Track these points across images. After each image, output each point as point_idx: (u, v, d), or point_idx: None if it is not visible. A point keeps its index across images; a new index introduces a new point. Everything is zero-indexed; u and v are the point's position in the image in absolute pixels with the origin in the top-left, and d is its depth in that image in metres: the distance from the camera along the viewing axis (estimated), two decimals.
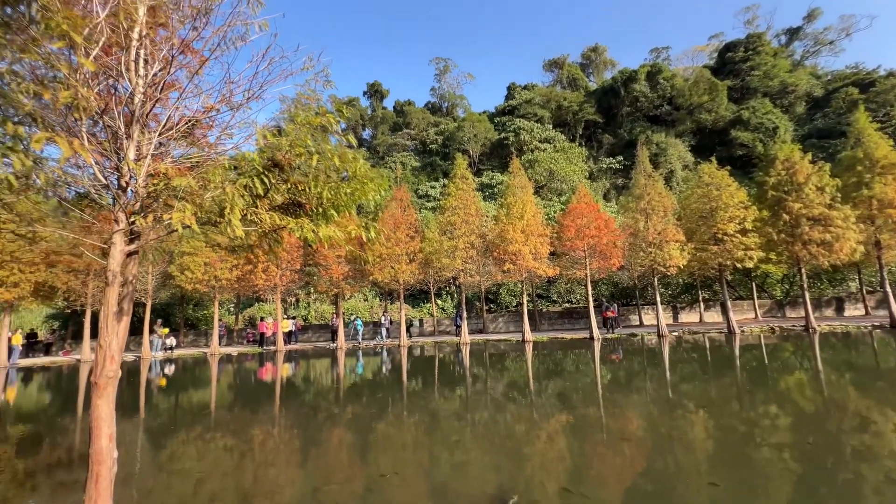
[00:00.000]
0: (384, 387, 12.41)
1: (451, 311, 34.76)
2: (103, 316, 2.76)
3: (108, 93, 2.93)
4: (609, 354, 16.57)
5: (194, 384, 15.36)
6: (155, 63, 3.00)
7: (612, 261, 20.89)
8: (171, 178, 2.74)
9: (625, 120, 56.72)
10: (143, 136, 2.96)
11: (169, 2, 2.97)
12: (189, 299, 31.38)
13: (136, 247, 2.94)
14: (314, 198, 3.09)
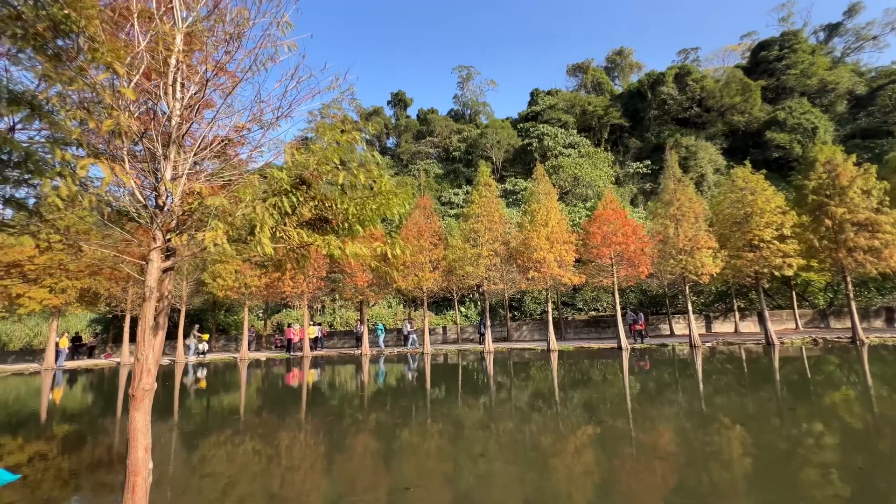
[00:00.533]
0: (408, 394, 12.42)
1: (474, 318, 34.59)
2: (140, 330, 2.89)
3: (148, 115, 3.10)
4: (638, 365, 16.05)
5: (225, 388, 15.81)
6: (191, 86, 3.14)
7: (640, 268, 20.31)
8: (205, 196, 2.85)
9: (652, 123, 55.43)
10: (179, 156, 3.10)
11: (204, 28, 3.11)
12: (220, 305, 32.46)
13: (172, 263, 3.07)
14: (340, 213, 3.14)
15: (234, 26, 3.16)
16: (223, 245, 2.50)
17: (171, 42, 2.86)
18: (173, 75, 3.08)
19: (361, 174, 2.97)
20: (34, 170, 2.25)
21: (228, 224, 2.70)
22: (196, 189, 2.91)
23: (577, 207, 44.32)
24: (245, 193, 2.81)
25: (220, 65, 3.27)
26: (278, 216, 2.80)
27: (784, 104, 49.22)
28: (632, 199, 49.28)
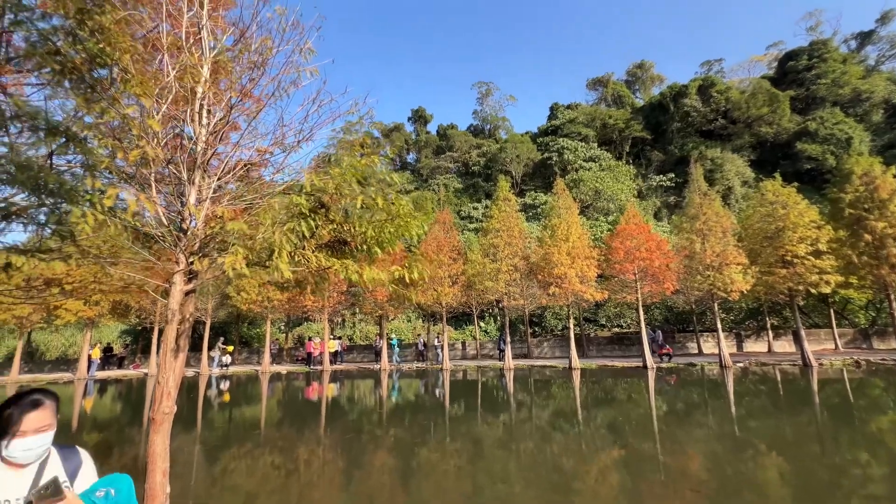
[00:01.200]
0: (426, 411, 12.25)
1: (494, 333, 34.17)
2: (162, 353, 2.94)
3: (175, 141, 3.21)
4: (665, 385, 15.44)
5: (247, 401, 16.00)
6: (217, 112, 3.25)
7: (665, 284, 19.71)
8: (227, 220, 2.90)
9: (675, 136, 54.50)
10: (203, 180, 3.19)
11: (230, 57, 3.23)
12: (244, 318, 33.10)
13: (194, 286, 3.13)
14: (359, 235, 3.15)
15: (259, 55, 3.27)
16: (242, 269, 2.53)
17: (199, 72, 2.96)
18: (200, 102, 3.19)
19: (379, 198, 2.98)
20: (67, 198, 2.34)
21: (248, 248, 2.74)
22: (219, 213, 2.98)
23: (599, 221, 43.67)
24: (265, 217, 2.85)
25: (246, 90, 3.37)
26: (297, 240, 2.83)
27: (815, 114, 47.68)
28: (655, 212, 48.28)
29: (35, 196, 2.33)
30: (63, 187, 2.27)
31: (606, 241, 22.74)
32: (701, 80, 55.10)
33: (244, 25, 3.41)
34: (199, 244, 3.11)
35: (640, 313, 20.74)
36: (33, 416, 1.48)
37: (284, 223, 2.86)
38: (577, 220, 22.38)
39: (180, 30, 3.22)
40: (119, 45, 2.59)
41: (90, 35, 2.47)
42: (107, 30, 2.43)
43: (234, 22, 3.51)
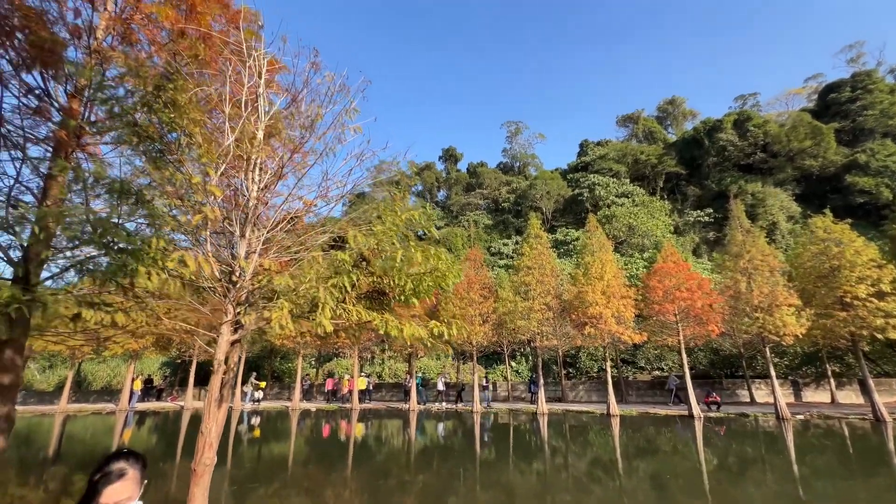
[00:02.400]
0: (457, 455, 11.76)
1: (526, 374, 33.02)
2: (207, 402, 3.02)
3: (229, 199, 3.44)
4: (715, 437, 14.23)
5: (276, 437, 15.97)
6: (268, 172, 3.49)
7: (709, 326, 18.60)
8: (273, 273, 3.03)
9: (712, 170, 53.21)
10: (252, 233, 3.37)
11: (283, 118, 3.50)
12: (276, 353, 33.65)
13: (239, 335, 3.24)
14: (397, 287, 3.20)
15: (309, 118, 3.52)
16: (288, 325, 2.61)
17: (254, 136, 3.22)
18: (254, 161, 3.44)
19: (419, 252, 3.05)
20: (135, 257, 2.54)
21: (293, 302, 2.84)
22: (266, 265, 3.12)
23: (634, 258, 42.44)
24: (309, 271, 2.96)
25: (296, 148, 3.61)
26: (339, 294, 2.90)
27: (864, 146, 45.54)
28: (694, 248, 46.51)
29: (106, 253, 2.54)
30: (132, 246, 2.46)
31: (643, 280, 21.95)
32: (736, 115, 54.21)
33: (296, 90, 3.71)
34: (247, 295, 3.25)
35: (682, 357, 19.55)
36: (116, 488, 1.49)
37: (327, 278, 2.96)
38: (611, 257, 21.82)
39: (240, 94, 3.53)
40: (188, 116, 2.87)
41: (163, 107, 2.75)
42: (178, 102, 2.69)
43: (287, 87, 3.83)
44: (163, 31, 4.95)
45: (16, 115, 3.96)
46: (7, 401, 4.03)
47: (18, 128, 4.21)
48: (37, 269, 4.16)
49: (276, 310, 2.65)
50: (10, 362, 4.04)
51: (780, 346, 22.38)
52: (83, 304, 2.53)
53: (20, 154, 4.31)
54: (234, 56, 3.67)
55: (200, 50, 3.49)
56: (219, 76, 3.74)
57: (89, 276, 2.78)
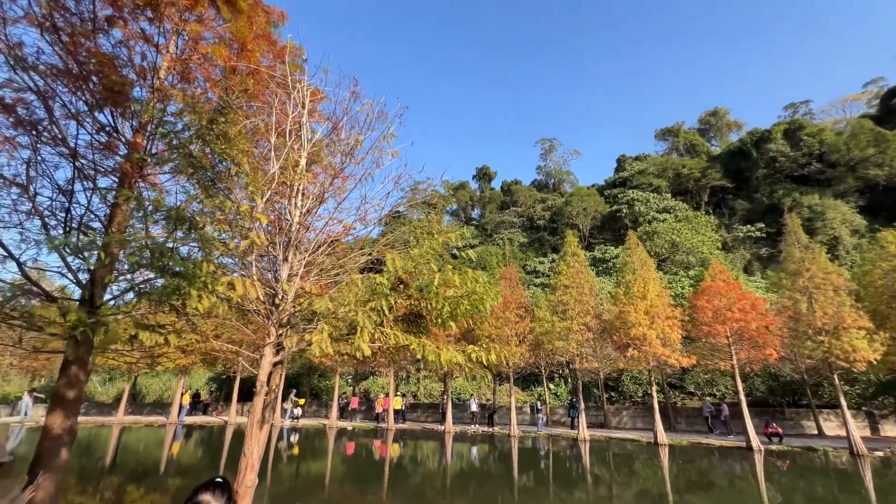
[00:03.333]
0: (494, 482, 11.35)
1: (564, 396, 31.78)
2: (249, 424, 3.09)
3: (273, 224, 3.60)
4: (778, 473, 12.98)
5: (314, 455, 16.14)
6: (310, 197, 3.63)
7: (766, 350, 17.22)
8: (313, 296, 3.10)
9: (761, 183, 50.37)
10: (294, 257, 3.49)
11: (324, 151, 3.65)
12: (315, 370, 34.31)
13: (281, 357, 3.33)
14: (434, 310, 3.18)
15: (348, 145, 3.65)
16: (327, 348, 2.65)
17: (297, 164, 3.37)
18: (297, 188, 3.59)
19: (456, 276, 3.03)
20: (188, 280, 2.68)
21: (333, 326, 2.88)
22: (307, 288, 3.21)
23: (679, 277, 40.42)
24: (348, 295, 3.01)
25: (336, 173, 3.75)
26: (377, 317, 2.92)
27: None
28: (745, 266, 43.78)
29: (161, 276, 2.70)
30: (186, 270, 2.61)
31: (690, 300, 20.79)
32: (787, 124, 51.40)
33: (336, 118, 3.88)
34: (288, 317, 3.35)
35: (737, 382, 18.17)
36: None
37: (365, 301, 2.99)
38: (654, 275, 20.90)
39: (284, 124, 3.73)
40: (238, 147, 3.04)
41: (215, 139, 2.94)
42: (230, 134, 2.87)
43: (328, 116, 4.01)
44: (217, 68, 5.35)
45: (88, 149, 4.36)
46: (71, 414, 4.31)
47: (91, 161, 4.64)
48: (100, 291, 4.48)
49: (316, 333, 2.70)
50: (74, 378, 4.34)
51: (849, 372, 20.36)
52: (140, 327, 2.69)
53: (91, 185, 4.73)
54: (280, 89, 3.90)
55: (250, 84, 3.74)
56: (265, 107, 3.97)
57: (146, 298, 2.96)
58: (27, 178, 4.41)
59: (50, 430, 4.10)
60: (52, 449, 4.06)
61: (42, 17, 3.98)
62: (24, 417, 25.97)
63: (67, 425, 4.17)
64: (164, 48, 4.72)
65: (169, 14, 4.46)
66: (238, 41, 4.44)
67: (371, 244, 3.92)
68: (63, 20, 4.00)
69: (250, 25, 4.47)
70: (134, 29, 4.46)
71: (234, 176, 3.04)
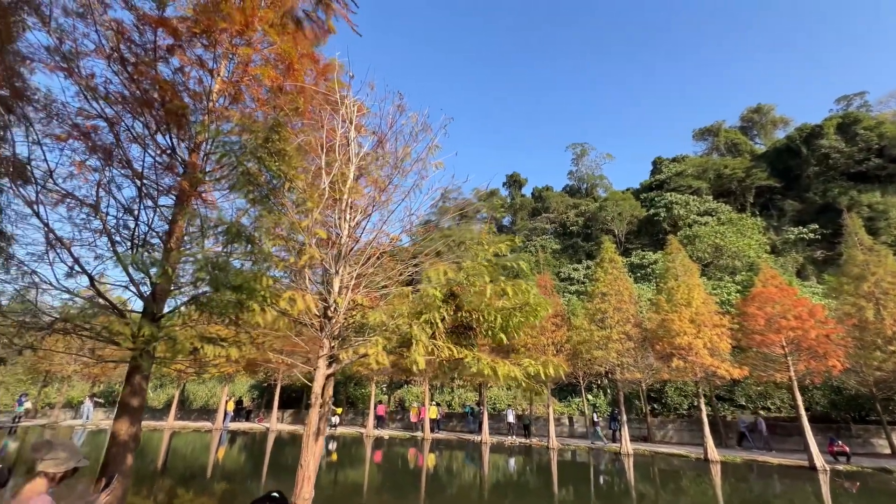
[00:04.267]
0: (533, 496, 11.02)
1: (604, 408, 30.67)
2: (305, 435, 3.14)
3: (324, 240, 3.68)
4: (847, 497, 11.91)
5: (351, 463, 16.31)
6: (358, 211, 3.70)
7: (829, 361, 15.95)
8: (366, 308, 3.13)
9: (813, 181, 47.29)
10: (344, 270, 3.55)
11: (373, 165, 3.72)
12: (350, 379, 34.81)
13: (334, 370, 3.37)
14: (485, 323, 3.13)
15: (396, 158, 3.70)
16: (384, 361, 2.65)
17: (348, 178, 3.44)
18: (346, 201, 3.66)
19: (509, 287, 2.97)
20: (248, 295, 2.78)
21: (386, 338, 2.89)
22: (358, 301, 3.24)
23: (724, 283, 38.38)
24: (400, 307, 3.01)
25: (384, 187, 3.81)
26: (430, 329, 2.90)
27: None
28: (797, 270, 41.05)
29: (218, 290, 2.80)
30: (247, 285, 2.69)
31: (738, 307, 19.65)
32: (840, 117, 48.20)
33: (382, 132, 3.94)
34: (340, 329, 3.39)
35: (796, 396, 16.91)
36: None
37: (417, 313, 2.98)
38: (698, 281, 19.95)
39: (332, 139, 3.82)
40: (291, 164, 3.13)
41: (270, 157, 3.04)
42: (284, 152, 2.96)
43: (373, 130, 4.09)
44: (264, 88, 5.59)
45: (151, 170, 4.64)
46: (135, 421, 4.55)
47: (153, 182, 4.94)
48: (161, 304, 4.72)
49: (371, 345, 2.71)
50: (138, 387, 4.58)
51: None
52: (204, 340, 2.80)
53: (152, 204, 5.03)
54: (328, 105, 4.01)
55: (300, 102, 3.88)
56: (313, 124, 4.09)
57: (207, 311, 3.08)
58: (97, 199, 4.74)
59: (117, 437, 4.33)
60: (118, 454, 4.29)
61: (110, 48, 4.30)
62: (86, 421, 27.74)
63: (132, 432, 4.40)
64: (216, 72, 4.98)
65: (221, 40, 4.72)
66: (284, 61, 4.63)
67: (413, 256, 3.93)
68: (129, 51, 4.31)
69: (295, 45, 4.66)
70: (191, 56, 4.75)
71: (288, 192, 3.14)
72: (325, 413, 3.35)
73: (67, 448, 2.73)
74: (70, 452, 2.68)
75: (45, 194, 4.58)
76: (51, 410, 30.96)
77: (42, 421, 28.54)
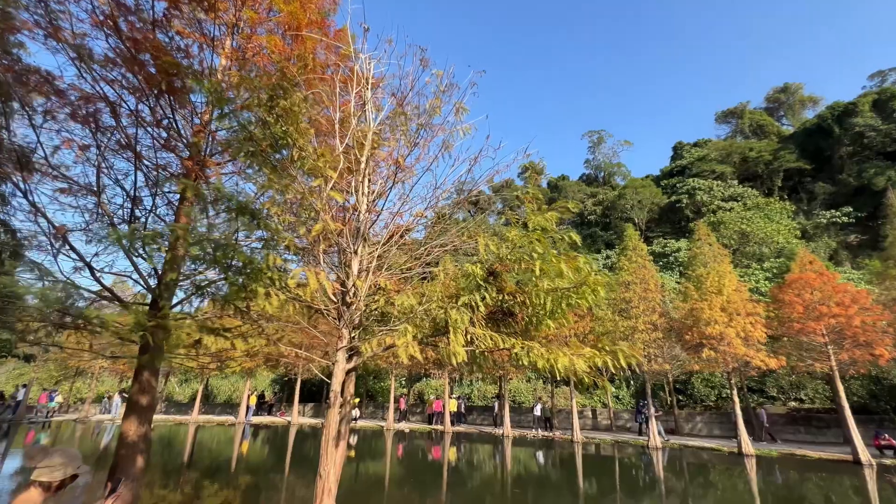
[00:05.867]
0: (557, 491, 10.57)
1: (627, 400, 29.95)
2: (324, 440, 2.75)
3: (340, 213, 3.27)
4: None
5: (372, 456, 16.15)
6: (382, 174, 3.27)
7: (876, 350, 14.94)
8: (391, 292, 2.71)
9: (846, 162, 45.02)
10: (363, 249, 3.12)
11: (391, 128, 3.28)
12: (369, 372, 34.81)
13: (355, 364, 2.97)
14: (530, 307, 2.67)
15: (428, 115, 3.24)
16: (416, 353, 2.23)
17: (363, 140, 3.01)
18: (364, 171, 3.23)
19: (563, 263, 2.50)
20: (253, 276, 2.39)
21: (416, 326, 2.46)
22: (381, 283, 2.83)
23: (752, 270, 36.94)
24: (433, 290, 2.58)
25: (411, 146, 3.36)
26: (470, 314, 2.46)
27: None
28: (831, 255, 39.23)
29: (225, 276, 2.43)
30: (252, 265, 2.30)
31: (773, 294, 18.67)
32: (875, 94, 45.67)
33: (403, 93, 3.49)
34: (360, 318, 2.98)
35: (837, 386, 15.97)
36: None
37: (451, 296, 2.53)
38: (729, 268, 19.04)
39: (346, 107, 3.39)
40: (298, 128, 2.71)
41: (276, 120, 2.63)
42: (289, 112, 2.53)
43: (392, 91, 3.64)
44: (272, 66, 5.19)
45: (151, 151, 4.30)
46: (145, 421, 4.25)
47: (154, 165, 4.61)
48: (166, 294, 4.40)
49: (399, 335, 2.30)
50: (147, 384, 4.28)
51: None
52: (204, 330, 2.44)
53: (154, 187, 4.70)
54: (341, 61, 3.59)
55: (309, 59, 3.45)
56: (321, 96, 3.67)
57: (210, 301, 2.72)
58: (98, 185, 4.43)
59: (125, 437, 4.04)
60: (128, 456, 4.00)
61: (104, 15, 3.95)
62: (114, 415, 28.42)
63: (142, 432, 4.10)
64: (221, 44, 4.60)
65: (224, 7, 4.34)
66: (292, 26, 4.21)
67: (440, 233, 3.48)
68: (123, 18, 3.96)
69: (304, 10, 4.24)
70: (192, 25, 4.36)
71: (297, 160, 2.73)
72: (345, 414, 2.96)
73: (65, 454, 2.41)
74: (67, 458, 2.36)
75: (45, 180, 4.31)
76: (82, 405, 31.87)
77: (73, 416, 29.37)
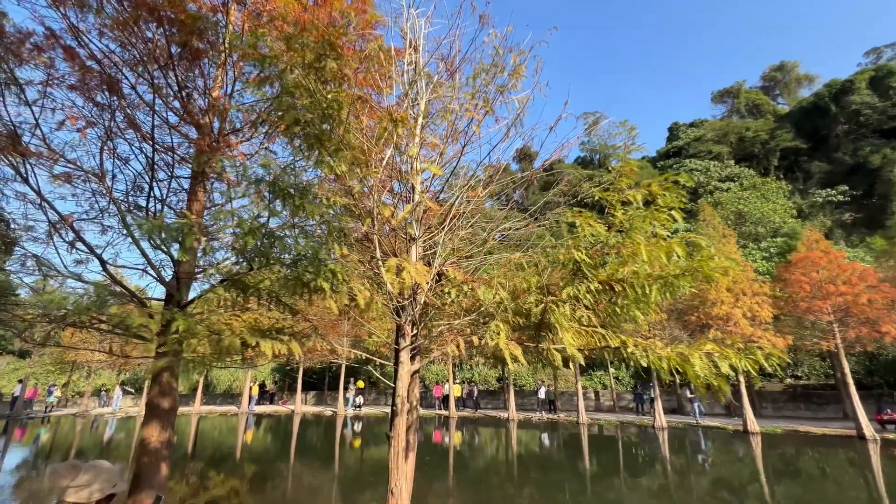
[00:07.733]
0: (566, 473, 10.52)
1: (627, 381, 30.23)
2: (393, 453, 2.44)
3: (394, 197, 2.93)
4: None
5: (375, 442, 16.15)
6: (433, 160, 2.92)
7: (883, 328, 14.98)
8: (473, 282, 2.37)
9: (842, 140, 44.99)
10: (420, 234, 2.78)
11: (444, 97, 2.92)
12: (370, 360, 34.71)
13: (418, 366, 2.66)
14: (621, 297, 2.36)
15: (511, 78, 2.87)
16: (517, 354, 1.92)
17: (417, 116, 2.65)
18: (417, 146, 2.87)
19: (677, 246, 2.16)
20: (311, 271, 2.05)
21: (505, 321, 2.15)
22: (449, 274, 2.50)
23: (749, 250, 37.10)
24: (529, 280, 2.24)
25: (480, 116, 3.00)
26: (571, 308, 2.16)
27: None
28: (826, 233, 39.49)
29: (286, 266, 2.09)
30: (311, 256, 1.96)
31: (779, 273, 18.64)
32: (872, 71, 45.44)
33: (452, 58, 3.11)
34: (419, 313, 2.66)
35: (843, 363, 16.11)
36: None
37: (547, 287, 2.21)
38: (734, 248, 18.95)
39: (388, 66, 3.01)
40: (343, 97, 2.33)
41: (322, 85, 2.25)
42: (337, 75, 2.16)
43: (441, 56, 3.23)
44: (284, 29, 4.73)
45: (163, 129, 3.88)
46: (168, 425, 3.94)
47: (167, 149, 4.19)
48: (185, 289, 4.04)
49: (490, 333, 1.99)
50: (167, 386, 3.96)
51: None
52: (257, 334, 2.11)
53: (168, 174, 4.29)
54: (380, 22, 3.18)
55: (352, 17, 3.03)
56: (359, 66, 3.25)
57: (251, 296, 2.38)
58: (101, 169, 4.01)
59: (147, 444, 3.73)
60: (151, 464, 3.70)
61: None
62: (116, 409, 28.12)
63: (165, 438, 3.80)
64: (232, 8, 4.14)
65: None
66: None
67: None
68: None
69: None
70: None
71: (344, 135, 2.36)
72: (412, 422, 2.67)
73: (99, 471, 1.93)
74: (103, 476, 1.90)
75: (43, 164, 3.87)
76: (80, 399, 31.48)
77: (73, 410, 29.01)
